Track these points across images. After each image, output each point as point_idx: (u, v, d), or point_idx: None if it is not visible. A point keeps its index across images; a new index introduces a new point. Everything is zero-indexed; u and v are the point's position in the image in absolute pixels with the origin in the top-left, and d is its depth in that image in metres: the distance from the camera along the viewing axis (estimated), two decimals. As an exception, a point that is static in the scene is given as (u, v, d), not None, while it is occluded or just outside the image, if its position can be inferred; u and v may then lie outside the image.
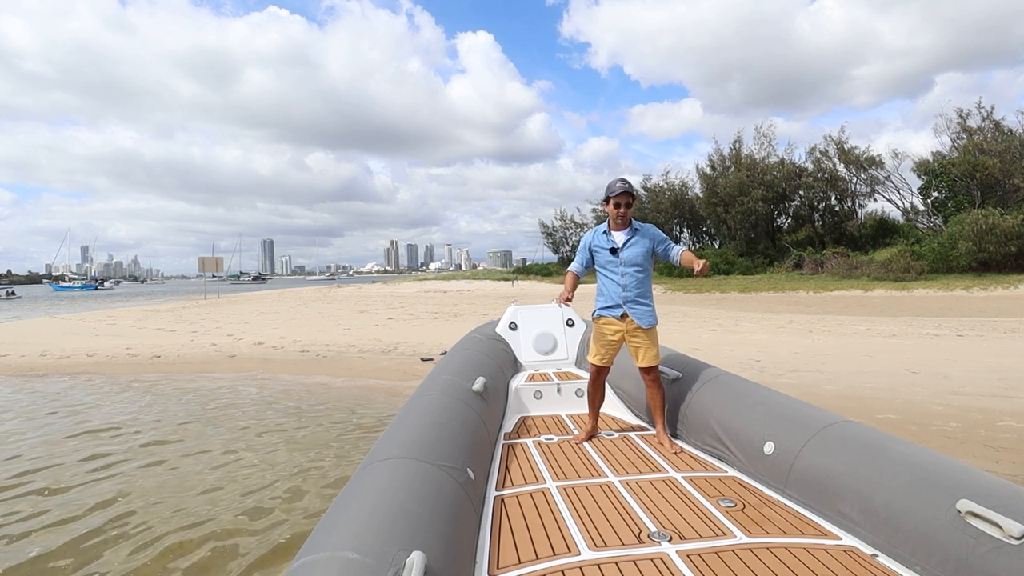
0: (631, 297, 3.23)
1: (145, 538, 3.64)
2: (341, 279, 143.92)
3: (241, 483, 4.54)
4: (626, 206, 3.21)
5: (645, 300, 3.25)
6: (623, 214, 3.22)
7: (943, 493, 1.85)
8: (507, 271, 65.91)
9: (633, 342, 3.25)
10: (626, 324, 3.24)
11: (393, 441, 2.17)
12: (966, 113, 36.58)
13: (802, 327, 13.25)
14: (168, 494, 4.34)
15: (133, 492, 4.40)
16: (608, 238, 3.31)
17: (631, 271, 3.23)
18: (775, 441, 2.56)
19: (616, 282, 3.26)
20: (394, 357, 10.27)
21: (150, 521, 3.88)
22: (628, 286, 3.23)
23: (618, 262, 3.24)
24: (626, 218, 3.25)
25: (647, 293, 3.28)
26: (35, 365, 10.46)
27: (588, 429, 3.34)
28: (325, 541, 1.47)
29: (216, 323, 17.10)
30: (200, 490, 4.42)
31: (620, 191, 3.18)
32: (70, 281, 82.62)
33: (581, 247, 3.45)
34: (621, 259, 3.24)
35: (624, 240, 3.26)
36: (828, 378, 7.34)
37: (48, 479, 4.71)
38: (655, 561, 1.87)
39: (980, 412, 5.72)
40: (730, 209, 42.36)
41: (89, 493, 4.39)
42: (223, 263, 43.03)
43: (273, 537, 3.63)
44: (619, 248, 3.25)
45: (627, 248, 3.25)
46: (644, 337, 3.21)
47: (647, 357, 3.21)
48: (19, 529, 3.81)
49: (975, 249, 28.79)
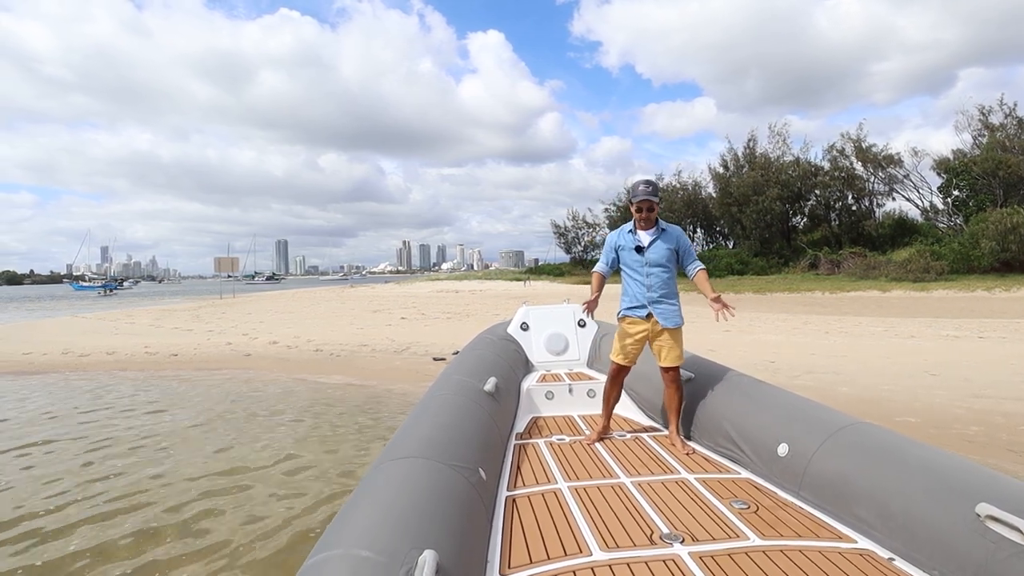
0: (656, 297, 3.18)
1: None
2: (354, 279, 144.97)
3: (254, 479, 4.60)
4: (648, 210, 3.16)
5: (671, 300, 3.21)
6: (645, 218, 3.18)
7: (962, 497, 1.81)
8: (519, 271, 65.86)
9: (657, 342, 3.20)
10: (651, 324, 3.19)
11: (406, 440, 2.18)
12: (988, 110, 35.90)
13: (818, 328, 13.08)
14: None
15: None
16: (633, 237, 3.25)
17: (656, 271, 3.18)
18: (789, 443, 2.53)
19: (641, 282, 3.21)
20: (407, 357, 10.32)
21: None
22: (653, 286, 3.18)
23: (643, 262, 3.20)
24: (650, 221, 3.21)
25: (673, 293, 3.23)
26: (56, 363, 10.67)
27: (599, 429, 3.31)
28: (338, 539, 1.48)
29: (232, 322, 17.31)
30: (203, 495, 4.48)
31: (643, 197, 3.13)
32: (90, 281, 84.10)
33: (606, 247, 3.40)
34: (646, 259, 3.19)
35: (650, 240, 3.21)
36: (844, 380, 7.24)
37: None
38: (667, 563, 1.85)
39: (1002, 416, 5.61)
40: (744, 209, 41.95)
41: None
42: (239, 263, 43.55)
43: (275, 537, 3.67)
44: (644, 248, 3.20)
45: (652, 248, 3.19)
46: (669, 337, 3.17)
47: (670, 357, 3.16)
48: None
49: (998, 249, 28.20)
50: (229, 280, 50.10)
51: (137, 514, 4.03)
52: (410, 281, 57.65)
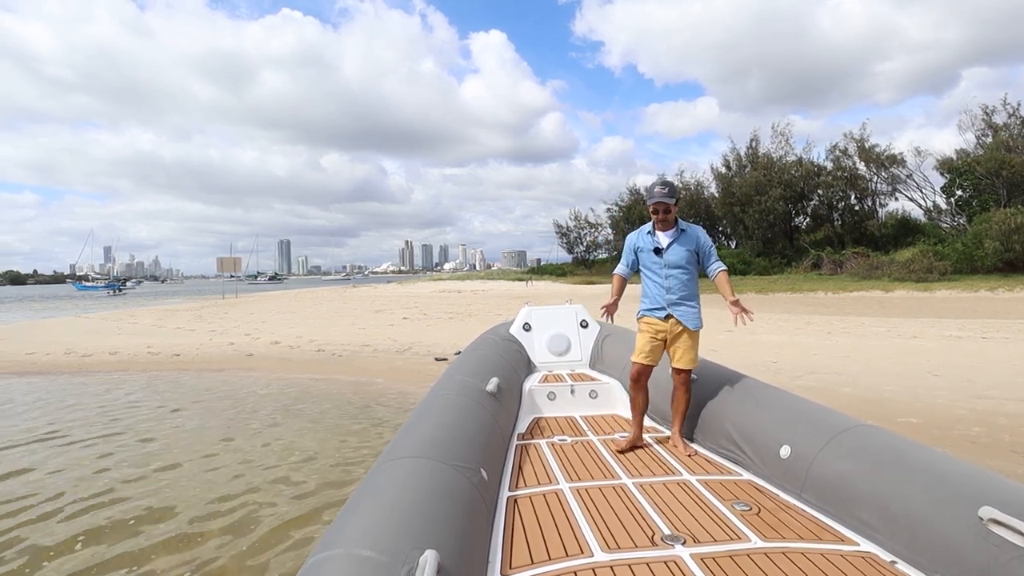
0: (675, 299, 3.13)
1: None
2: (356, 279, 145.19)
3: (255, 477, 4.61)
4: (664, 212, 3.12)
5: (691, 302, 3.15)
6: (663, 219, 3.15)
7: (965, 500, 1.81)
8: (521, 271, 65.84)
9: (674, 343, 3.15)
10: (670, 325, 3.14)
11: (407, 440, 2.18)
12: (991, 110, 35.78)
13: (820, 328, 13.06)
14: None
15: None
16: (652, 238, 3.21)
17: (675, 273, 3.13)
18: (791, 444, 2.53)
19: (660, 284, 3.16)
20: (408, 357, 10.33)
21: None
22: (672, 288, 3.13)
23: (662, 263, 3.15)
24: (668, 222, 3.16)
25: (693, 295, 3.17)
26: (59, 363, 10.70)
27: (631, 437, 3.16)
28: (340, 538, 1.48)
29: (234, 323, 17.35)
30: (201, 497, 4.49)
31: (658, 199, 3.09)
32: (93, 281, 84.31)
33: (626, 248, 3.35)
34: (665, 261, 3.14)
35: (669, 241, 3.16)
36: (847, 380, 7.22)
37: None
38: (668, 564, 1.85)
39: (1006, 417, 5.59)
40: (747, 209, 41.88)
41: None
42: (241, 263, 43.65)
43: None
44: (663, 249, 3.15)
45: (671, 249, 3.14)
46: (687, 339, 3.12)
47: (684, 359, 3.12)
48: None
49: (1001, 249, 28.09)
50: (232, 280, 50.21)
51: (141, 513, 4.05)
52: (412, 281, 57.69)
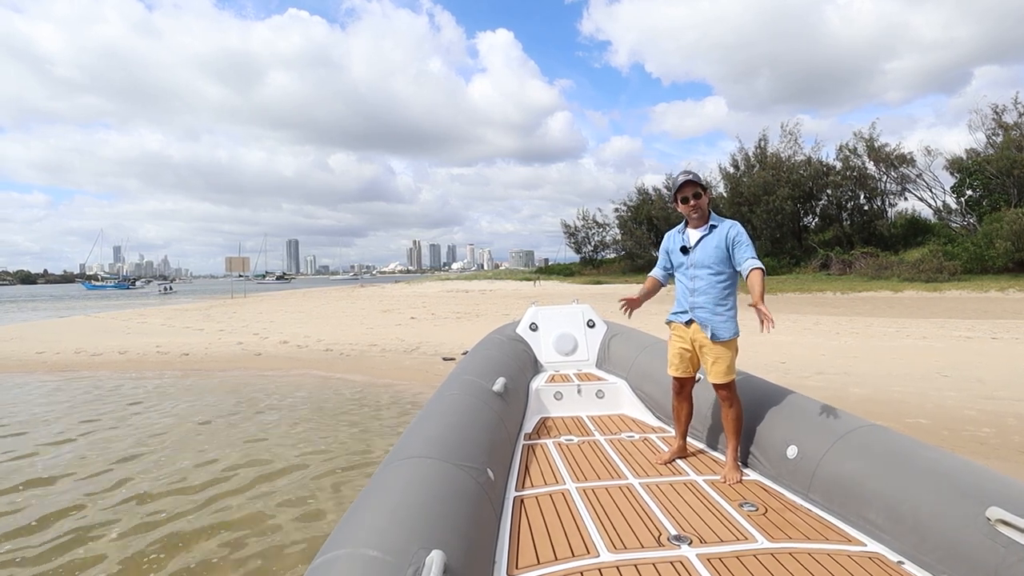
0: (699, 303, 2.85)
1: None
2: (364, 279, 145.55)
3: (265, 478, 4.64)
4: (695, 197, 2.83)
5: (716, 308, 2.82)
6: (693, 206, 2.85)
7: (972, 500, 1.81)
8: (529, 271, 65.82)
9: (701, 353, 2.89)
10: (692, 331, 2.89)
11: (414, 440, 2.19)
12: (1002, 109, 35.38)
13: (829, 328, 12.97)
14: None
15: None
16: (682, 236, 2.97)
17: (701, 273, 2.85)
18: (798, 445, 2.52)
19: (686, 285, 2.92)
20: (416, 357, 10.36)
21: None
22: (697, 290, 2.85)
23: (687, 263, 2.89)
24: (699, 212, 2.86)
25: (723, 300, 2.83)
26: (70, 362, 10.81)
27: (675, 448, 3.01)
28: (347, 538, 1.49)
29: (243, 322, 17.45)
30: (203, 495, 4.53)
31: (683, 182, 2.84)
32: (103, 280, 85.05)
33: (661, 249, 3.12)
34: (691, 260, 2.88)
35: (697, 239, 2.88)
36: (855, 381, 7.18)
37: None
38: (675, 564, 1.86)
39: (1016, 418, 5.54)
40: (755, 208, 41.66)
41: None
42: (250, 263, 43.89)
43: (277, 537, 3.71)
44: (690, 248, 2.89)
45: (699, 247, 2.87)
46: (712, 349, 2.81)
47: (714, 372, 2.80)
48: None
49: (1012, 249, 27.80)
50: (240, 280, 50.52)
51: (147, 514, 4.09)
52: (420, 281, 57.80)
